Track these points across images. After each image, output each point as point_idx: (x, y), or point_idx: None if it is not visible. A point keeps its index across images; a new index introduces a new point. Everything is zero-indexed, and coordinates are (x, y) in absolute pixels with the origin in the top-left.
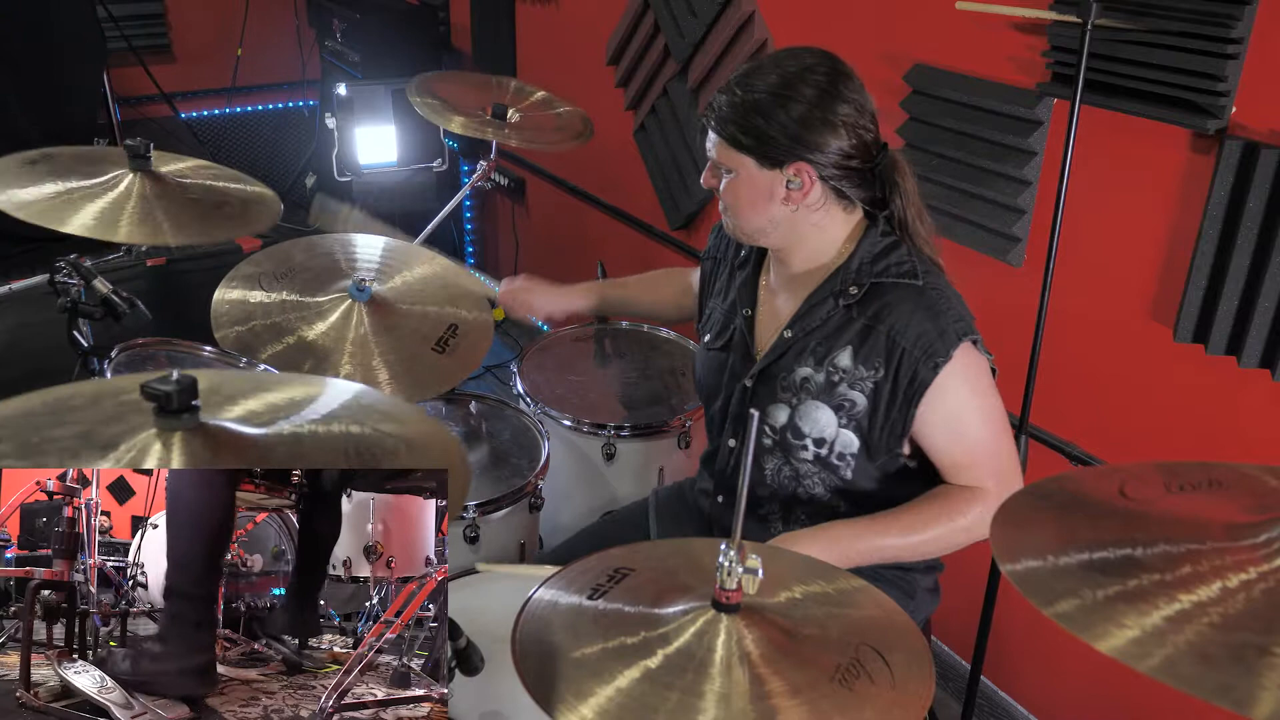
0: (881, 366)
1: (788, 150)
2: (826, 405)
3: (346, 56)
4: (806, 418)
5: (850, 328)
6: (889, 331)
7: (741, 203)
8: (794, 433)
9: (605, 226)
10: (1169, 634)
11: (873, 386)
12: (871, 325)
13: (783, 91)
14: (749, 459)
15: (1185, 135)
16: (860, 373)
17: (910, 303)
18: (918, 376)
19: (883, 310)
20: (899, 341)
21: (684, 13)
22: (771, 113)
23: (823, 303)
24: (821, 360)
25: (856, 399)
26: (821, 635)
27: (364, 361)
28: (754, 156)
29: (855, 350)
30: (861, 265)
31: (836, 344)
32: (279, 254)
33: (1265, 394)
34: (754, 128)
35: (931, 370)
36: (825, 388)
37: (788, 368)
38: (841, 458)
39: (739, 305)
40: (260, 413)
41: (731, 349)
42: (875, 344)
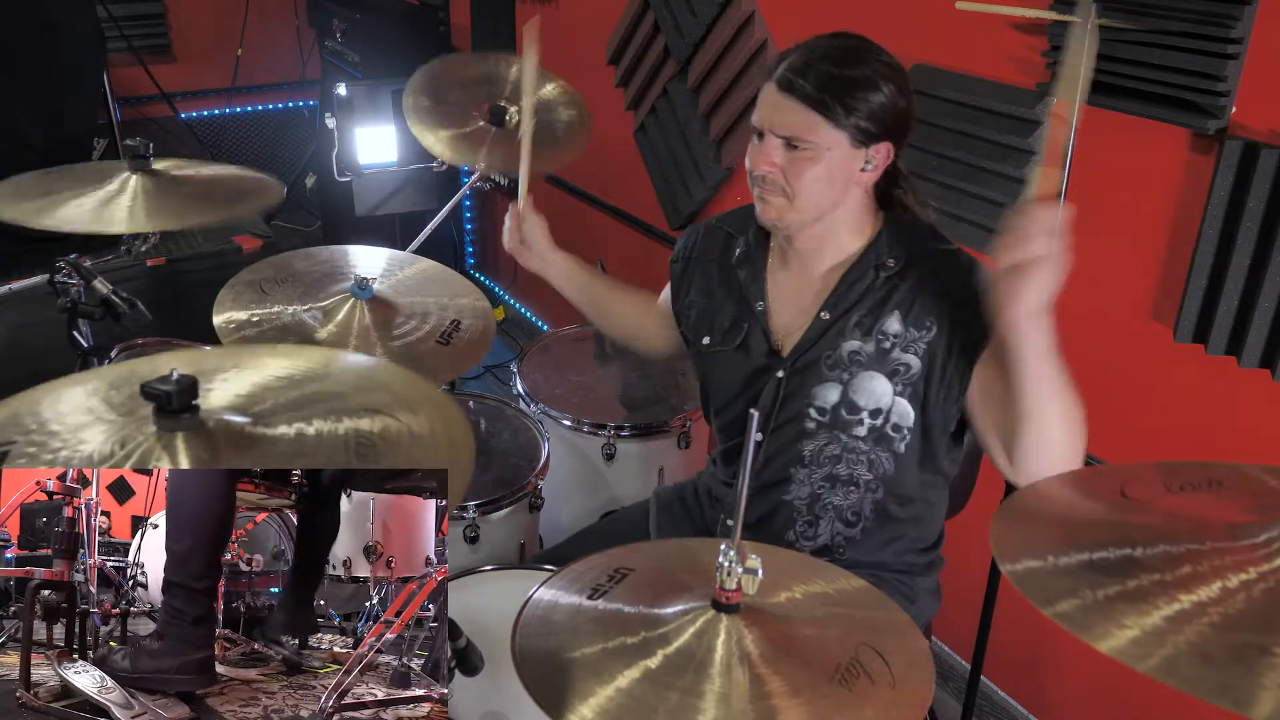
0: (934, 324)
1: (887, 128)
2: (880, 374)
3: (346, 56)
4: (861, 390)
5: (895, 294)
6: (941, 290)
7: (819, 181)
8: (849, 408)
9: (605, 226)
10: (1169, 634)
11: (925, 347)
12: (919, 287)
13: (876, 69)
14: (749, 459)
15: (1185, 135)
16: (912, 335)
17: (953, 264)
18: (973, 327)
19: (926, 275)
20: (951, 296)
21: (684, 13)
22: (874, 89)
23: (860, 279)
24: (869, 331)
25: (911, 361)
26: (821, 635)
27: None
28: (849, 132)
29: (904, 315)
30: (892, 242)
31: (883, 312)
32: (278, 262)
33: (1265, 394)
34: (859, 102)
35: (993, 319)
36: (877, 356)
37: (831, 346)
38: (897, 429)
39: (749, 300)
40: (261, 397)
41: (749, 346)
42: (926, 304)
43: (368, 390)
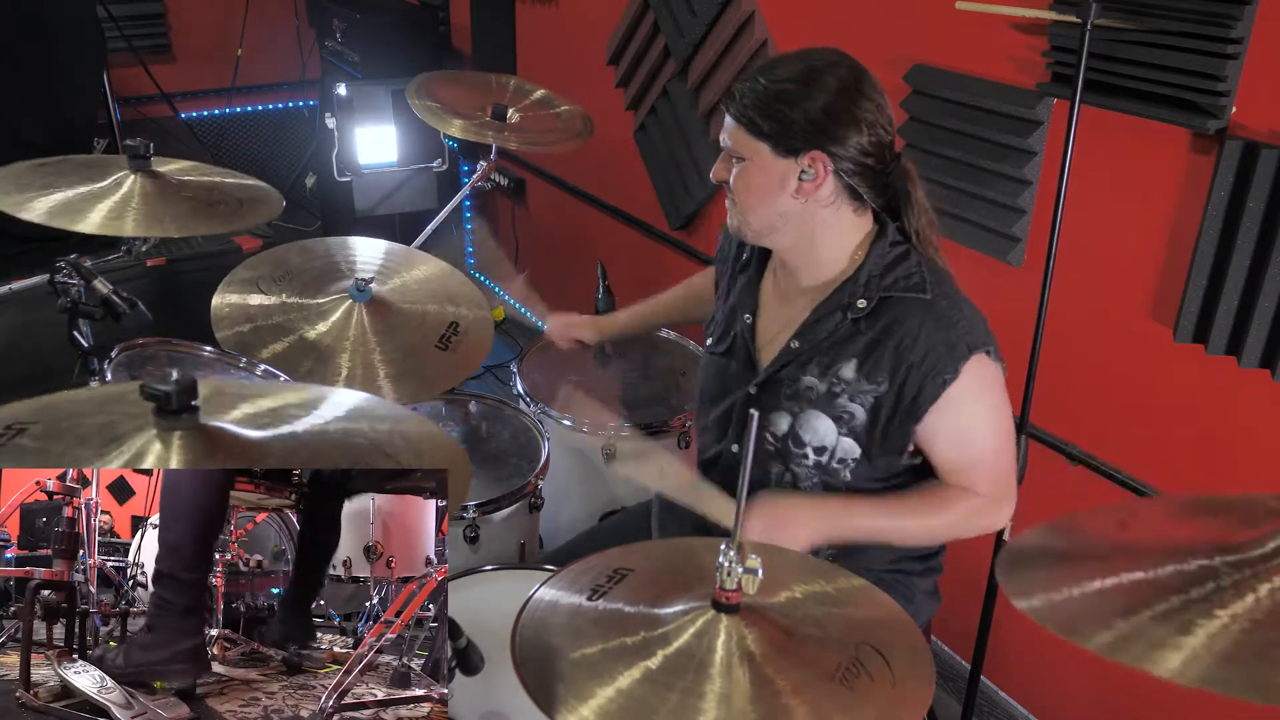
0: (885, 380)
1: (806, 138)
2: (826, 415)
3: (346, 56)
4: (807, 427)
5: (857, 340)
6: (897, 346)
7: (752, 192)
8: (795, 441)
9: (605, 226)
10: (1210, 647)
11: (873, 401)
12: (880, 340)
13: (807, 80)
14: (749, 459)
15: (1185, 135)
16: (862, 385)
17: (919, 316)
18: (923, 392)
19: (892, 324)
20: (906, 356)
21: (684, 13)
22: (794, 100)
23: (830, 315)
24: (825, 370)
25: (855, 411)
26: (822, 635)
27: (365, 360)
28: (770, 143)
29: (860, 363)
30: (870, 278)
31: (841, 356)
32: (275, 258)
33: (1265, 394)
34: (775, 113)
35: (939, 386)
36: (826, 398)
37: (792, 377)
38: (842, 462)
39: (740, 310)
40: (259, 415)
41: (733, 354)
42: (881, 358)
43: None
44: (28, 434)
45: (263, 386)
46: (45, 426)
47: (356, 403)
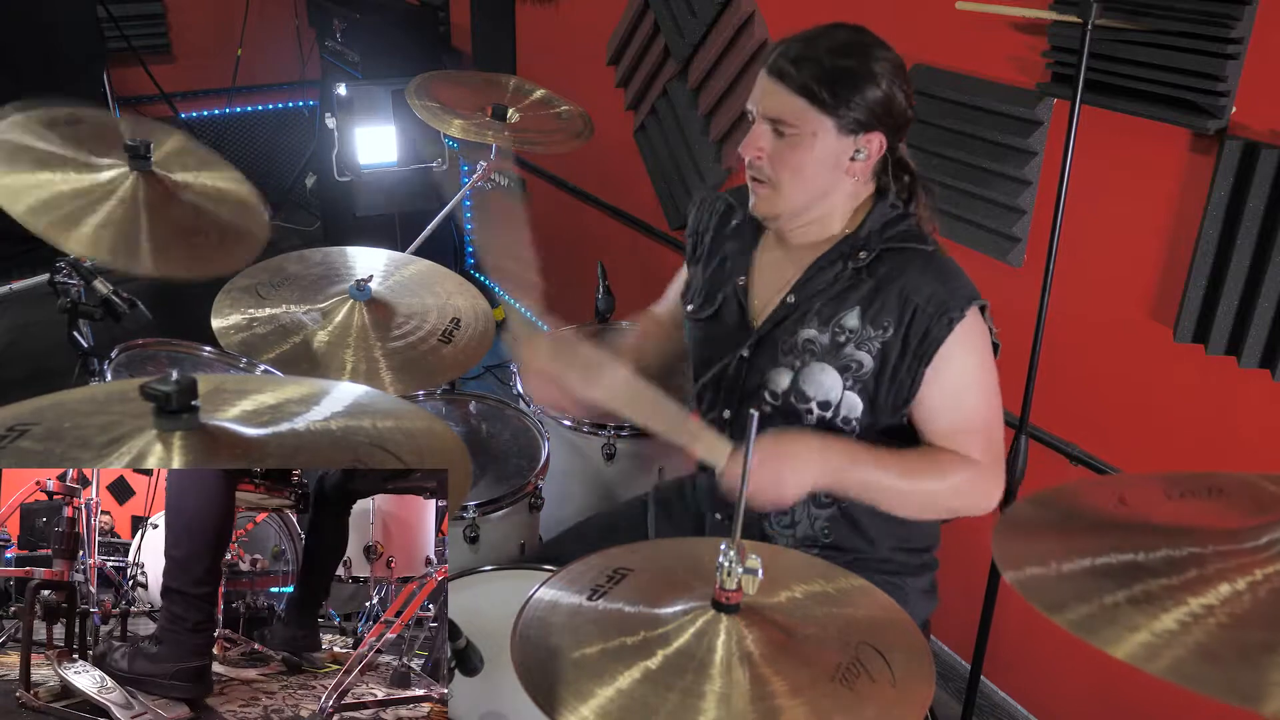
0: (892, 325)
1: (874, 119)
2: (832, 367)
3: (346, 56)
4: (811, 380)
5: (859, 289)
6: (901, 290)
7: (804, 168)
8: (798, 396)
9: (605, 226)
10: (1179, 636)
11: (880, 346)
12: (882, 286)
13: (866, 57)
14: (749, 460)
15: (1185, 135)
16: (868, 332)
17: (920, 265)
18: (930, 333)
19: (893, 271)
20: (912, 299)
21: (684, 13)
22: (861, 78)
23: (830, 266)
24: (827, 321)
25: (863, 360)
26: (822, 635)
27: (368, 357)
28: (836, 119)
29: (864, 310)
30: (871, 232)
31: (843, 305)
32: (271, 266)
33: (1265, 394)
34: (846, 88)
35: (945, 326)
36: (830, 349)
37: (790, 331)
38: (846, 422)
39: (732, 273)
40: (260, 412)
41: (722, 319)
42: (886, 303)
43: None
44: (29, 435)
45: (263, 381)
46: (46, 427)
47: (358, 397)
